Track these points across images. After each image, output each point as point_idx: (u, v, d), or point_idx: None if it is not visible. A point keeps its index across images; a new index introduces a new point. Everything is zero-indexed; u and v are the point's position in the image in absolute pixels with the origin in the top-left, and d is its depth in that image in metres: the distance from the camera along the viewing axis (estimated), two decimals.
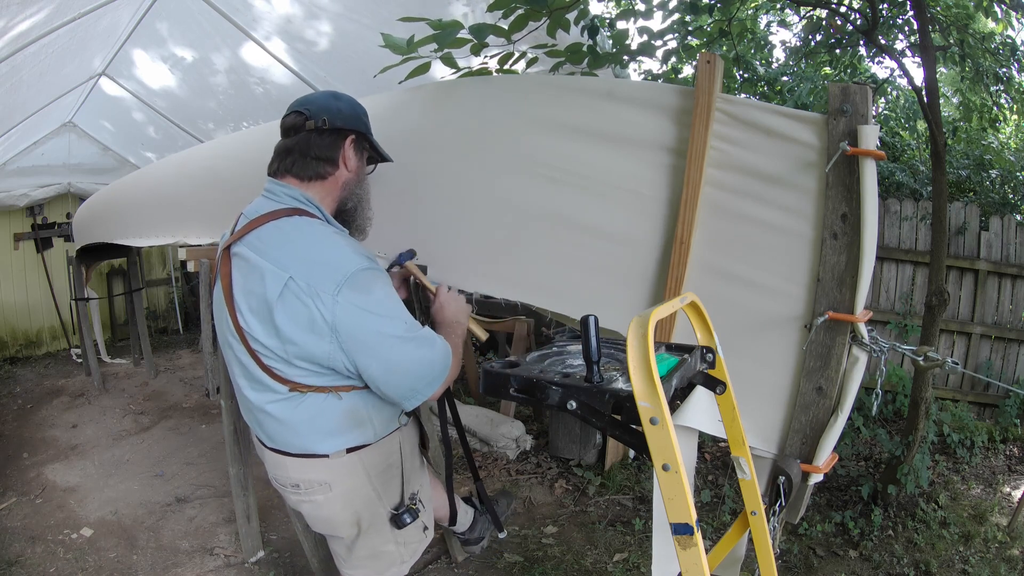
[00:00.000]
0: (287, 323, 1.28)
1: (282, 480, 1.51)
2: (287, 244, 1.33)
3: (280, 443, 1.44)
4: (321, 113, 1.44)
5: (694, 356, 1.16)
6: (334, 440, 1.42)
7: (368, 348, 1.30)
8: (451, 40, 1.82)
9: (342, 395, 1.39)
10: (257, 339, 1.33)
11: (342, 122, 1.45)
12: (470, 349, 4.73)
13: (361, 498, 1.50)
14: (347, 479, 1.46)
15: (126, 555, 2.74)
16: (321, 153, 1.44)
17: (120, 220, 3.80)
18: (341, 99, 1.49)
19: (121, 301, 6.36)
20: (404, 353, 1.32)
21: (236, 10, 3.64)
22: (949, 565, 2.73)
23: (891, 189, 5.02)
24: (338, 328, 1.27)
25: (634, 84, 1.98)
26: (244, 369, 1.40)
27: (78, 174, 5.78)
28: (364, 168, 1.55)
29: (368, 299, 1.29)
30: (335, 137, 1.45)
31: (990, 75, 4.30)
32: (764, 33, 6.18)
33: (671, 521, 0.90)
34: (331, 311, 1.26)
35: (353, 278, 1.28)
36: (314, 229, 1.37)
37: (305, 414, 1.38)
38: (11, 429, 4.18)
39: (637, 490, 3.30)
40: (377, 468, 1.50)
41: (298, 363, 1.33)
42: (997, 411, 4.19)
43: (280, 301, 1.28)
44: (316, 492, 1.46)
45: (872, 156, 1.32)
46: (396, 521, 1.54)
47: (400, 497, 1.57)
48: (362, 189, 1.53)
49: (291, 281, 1.27)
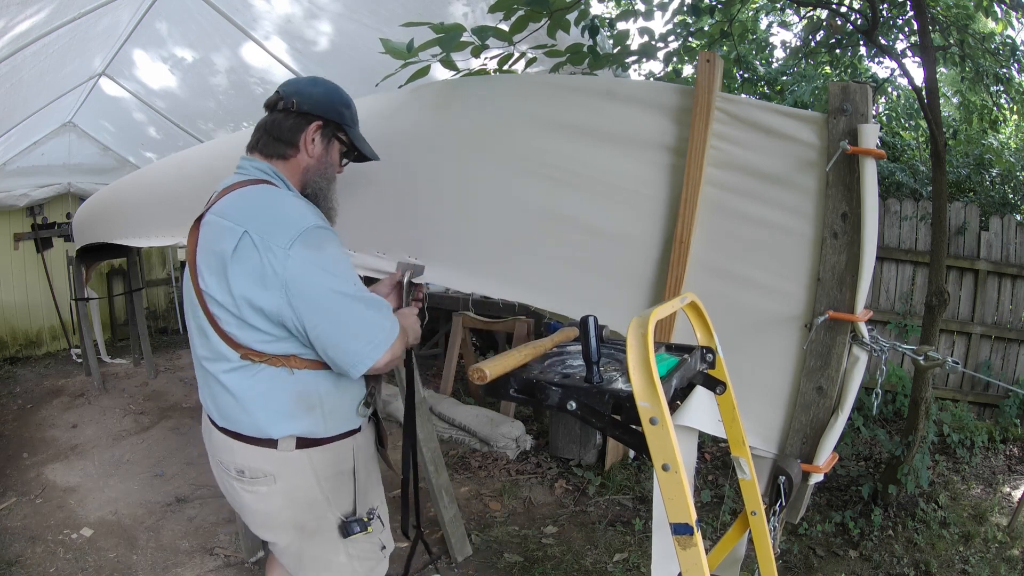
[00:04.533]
0: (239, 277, 1.30)
1: (227, 464, 1.47)
2: (244, 204, 1.37)
3: (231, 420, 1.42)
4: (293, 95, 1.46)
5: (694, 356, 1.15)
6: (283, 424, 1.40)
7: (316, 304, 1.30)
8: (455, 44, 1.82)
9: (295, 371, 1.38)
10: (214, 298, 1.33)
11: (310, 107, 1.46)
12: (470, 349, 4.73)
13: (306, 499, 1.47)
14: (293, 476, 1.44)
15: (126, 555, 2.74)
16: (283, 134, 1.46)
17: (120, 220, 3.79)
18: (319, 85, 1.50)
19: (121, 301, 6.36)
20: (352, 311, 1.32)
21: (236, 10, 3.64)
22: (949, 565, 2.73)
23: (891, 189, 5.02)
24: (288, 282, 1.28)
25: (634, 83, 1.97)
26: (204, 338, 1.40)
27: (78, 174, 5.78)
28: (329, 158, 1.53)
29: (320, 255, 1.31)
30: (301, 120, 1.46)
31: (990, 75, 4.30)
32: (765, 34, 6.18)
33: (671, 521, 0.90)
34: (283, 264, 1.27)
35: (306, 234, 1.30)
36: (274, 192, 1.41)
37: (256, 389, 1.38)
38: (11, 429, 4.18)
39: (637, 490, 3.30)
40: (327, 472, 1.47)
41: (251, 321, 1.32)
42: (997, 411, 4.19)
43: (234, 255, 1.29)
44: (260, 483, 1.44)
45: (872, 155, 1.32)
46: (344, 529, 1.50)
47: (352, 507, 1.53)
48: (323, 179, 1.52)
49: (246, 235, 1.29)
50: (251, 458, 1.43)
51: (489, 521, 3.02)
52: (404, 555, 2.14)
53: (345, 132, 1.53)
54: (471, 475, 3.47)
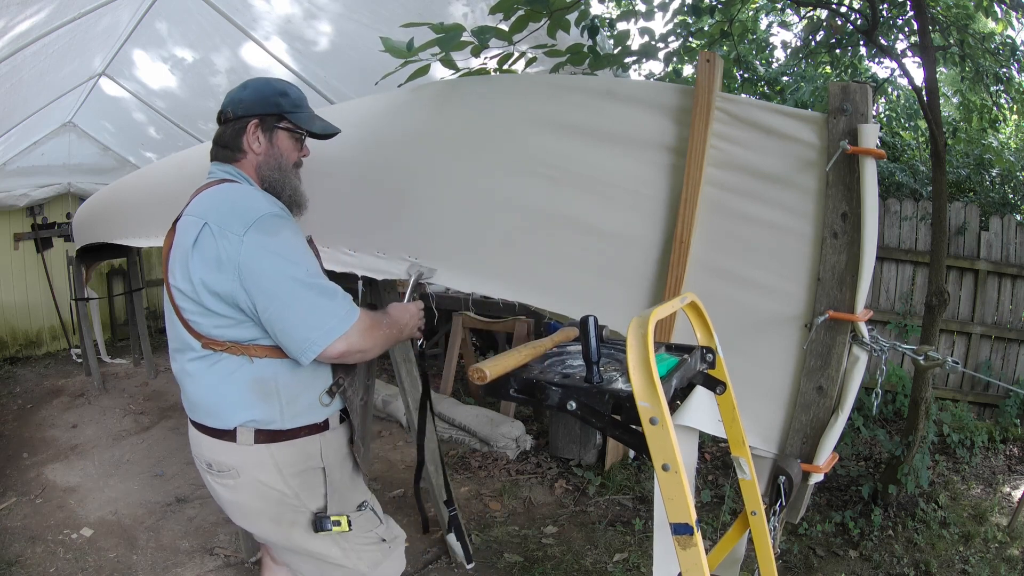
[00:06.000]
0: (198, 264, 1.35)
1: (199, 458, 1.54)
2: (209, 200, 1.44)
3: (196, 411, 1.49)
4: (227, 106, 1.55)
5: (694, 356, 1.15)
6: (238, 412, 1.43)
7: (267, 288, 1.34)
8: (455, 43, 1.82)
9: (254, 360, 1.42)
10: (179, 289, 1.39)
11: (243, 110, 1.53)
12: (470, 349, 4.74)
13: (274, 495, 1.48)
14: (256, 471, 1.46)
15: (126, 555, 2.74)
16: (227, 141, 1.54)
17: (120, 220, 3.79)
18: (247, 87, 1.57)
19: (121, 301, 6.36)
20: (302, 298, 1.34)
21: (236, 10, 3.64)
22: (949, 565, 2.73)
23: (891, 189, 5.02)
24: (241, 266, 1.32)
25: (634, 83, 1.97)
26: (174, 329, 1.46)
27: (78, 174, 5.78)
28: (277, 150, 1.56)
29: (273, 240, 1.35)
30: (239, 125, 1.53)
31: (990, 75, 4.30)
32: (765, 34, 6.18)
33: (671, 521, 0.90)
34: (236, 249, 1.32)
35: (261, 220, 1.35)
36: (235, 187, 1.49)
37: (216, 377, 1.42)
38: (11, 429, 4.18)
39: (637, 490, 3.30)
40: (292, 468, 1.48)
41: (209, 305, 1.37)
42: (997, 411, 4.19)
43: (195, 245, 1.36)
44: (226, 476, 1.48)
45: (872, 155, 1.32)
46: (315, 524, 1.51)
47: (324, 503, 1.54)
48: (276, 171, 1.56)
49: (206, 226, 1.35)
50: (215, 451, 1.48)
51: (489, 521, 3.02)
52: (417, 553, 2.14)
53: (287, 119, 1.56)
54: (471, 475, 3.47)
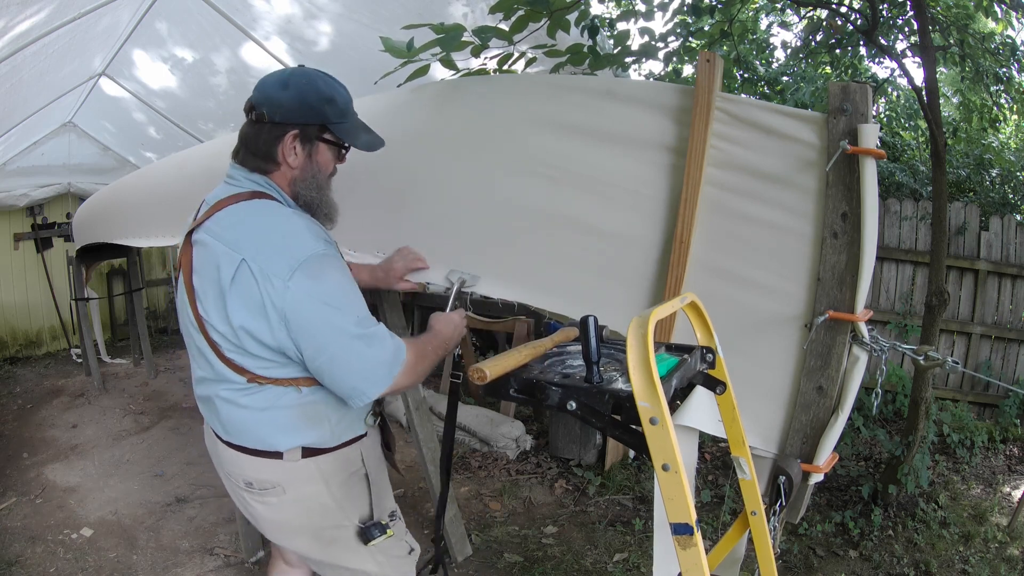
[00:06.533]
0: (238, 307, 1.25)
1: (235, 477, 1.44)
2: (241, 226, 1.29)
3: (236, 435, 1.39)
4: (262, 104, 1.34)
5: (694, 356, 1.15)
6: (288, 436, 1.37)
7: (315, 339, 1.26)
8: (455, 44, 1.82)
9: (303, 389, 1.35)
10: (214, 326, 1.29)
11: (282, 116, 1.34)
12: (470, 349, 4.73)
13: (318, 507, 1.44)
14: (303, 485, 1.41)
15: (126, 555, 2.74)
16: (259, 149, 1.37)
17: (120, 220, 3.80)
18: (289, 86, 1.35)
19: (121, 301, 6.35)
20: (351, 349, 1.27)
21: (236, 10, 3.64)
22: (949, 565, 2.73)
23: (891, 189, 5.02)
24: (287, 315, 1.23)
25: (634, 83, 1.97)
26: (204, 358, 1.36)
27: (78, 174, 5.78)
28: (316, 165, 1.41)
29: (320, 287, 1.25)
30: (276, 131, 1.35)
31: (990, 75, 4.30)
32: (765, 34, 6.18)
33: (671, 521, 0.90)
34: (281, 297, 1.22)
35: (306, 264, 1.24)
36: (270, 210, 1.33)
37: (261, 403, 1.35)
38: (11, 429, 4.17)
39: (637, 490, 3.30)
40: (337, 477, 1.44)
41: (252, 350, 1.29)
42: (997, 411, 4.19)
43: (233, 285, 1.24)
44: (269, 494, 1.41)
45: (872, 155, 1.32)
46: (363, 534, 1.46)
47: (369, 510, 1.49)
48: (313, 189, 1.41)
49: (243, 264, 1.23)
50: (258, 470, 1.40)
51: (489, 521, 3.02)
52: None
53: (331, 130, 1.39)
54: (471, 475, 3.47)
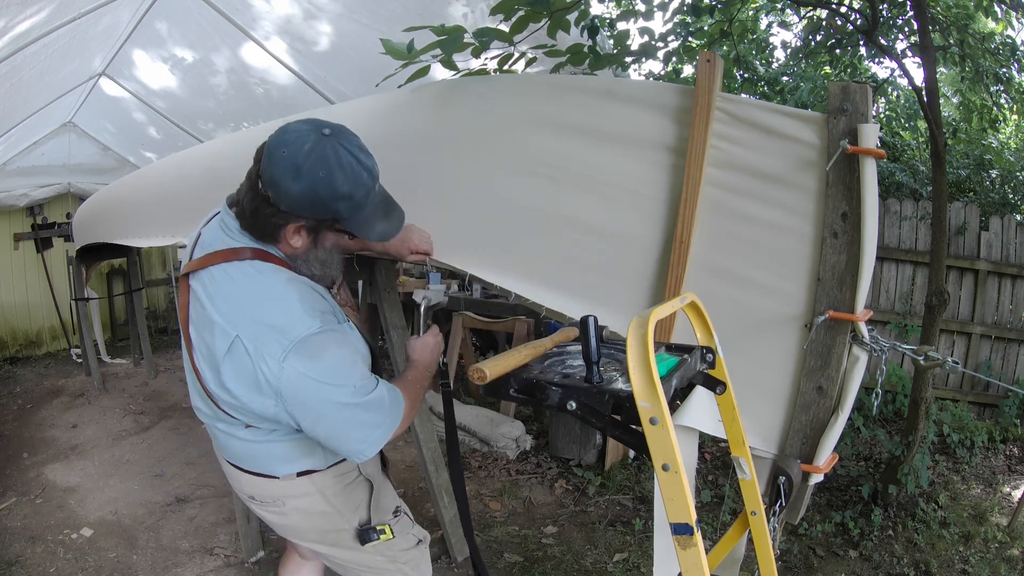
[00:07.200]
0: (233, 381, 1.26)
1: (240, 491, 1.56)
2: (238, 296, 1.27)
3: (233, 458, 1.48)
4: (269, 185, 1.22)
5: (694, 356, 1.15)
6: (285, 465, 1.43)
7: (313, 414, 1.27)
8: (457, 46, 1.82)
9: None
10: (211, 386, 1.32)
11: (287, 206, 1.23)
12: (470, 349, 4.73)
13: (319, 514, 1.50)
14: (300, 499, 1.48)
15: (126, 555, 2.74)
16: (259, 226, 1.30)
17: (120, 220, 3.80)
18: (301, 177, 1.19)
19: (121, 301, 6.36)
20: (349, 419, 1.28)
21: (236, 10, 3.64)
22: (949, 565, 2.73)
23: (891, 189, 5.02)
24: (283, 394, 1.23)
25: (634, 83, 1.97)
26: (204, 401, 1.41)
27: (78, 174, 5.79)
28: (323, 245, 1.35)
29: (315, 366, 1.22)
30: (280, 219, 1.27)
31: (990, 75, 4.30)
32: (765, 34, 6.18)
33: (671, 521, 0.90)
34: (276, 376, 1.21)
35: (301, 344, 1.21)
36: (267, 280, 1.28)
37: (259, 437, 1.39)
38: (11, 429, 4.18)
39: (637, 490, 3.30)
40: (333, 488, 1.50)
41: (248, 420, 1.35)
42: (997, 411, 4.19)
43: (227, 358, 1.24)
44: (271, 506, 1.50)
45: (872, 155, 1.32)
46: (361, 536, 1.52)
47: (367, 513, 1.55)
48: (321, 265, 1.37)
49: (238, 340, 1.22)
50: (257, 488, 1.48)
51: (489, 521, 3.02)
52: None
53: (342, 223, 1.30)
54: (471, 475, 3.47)
